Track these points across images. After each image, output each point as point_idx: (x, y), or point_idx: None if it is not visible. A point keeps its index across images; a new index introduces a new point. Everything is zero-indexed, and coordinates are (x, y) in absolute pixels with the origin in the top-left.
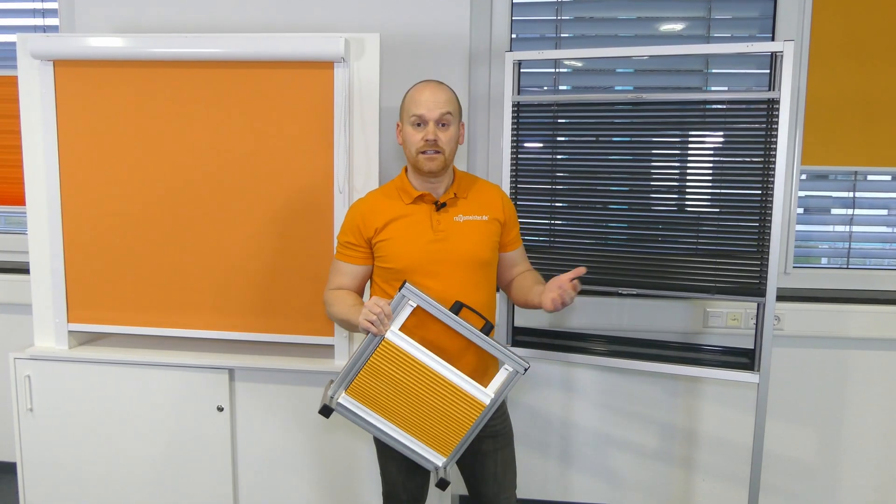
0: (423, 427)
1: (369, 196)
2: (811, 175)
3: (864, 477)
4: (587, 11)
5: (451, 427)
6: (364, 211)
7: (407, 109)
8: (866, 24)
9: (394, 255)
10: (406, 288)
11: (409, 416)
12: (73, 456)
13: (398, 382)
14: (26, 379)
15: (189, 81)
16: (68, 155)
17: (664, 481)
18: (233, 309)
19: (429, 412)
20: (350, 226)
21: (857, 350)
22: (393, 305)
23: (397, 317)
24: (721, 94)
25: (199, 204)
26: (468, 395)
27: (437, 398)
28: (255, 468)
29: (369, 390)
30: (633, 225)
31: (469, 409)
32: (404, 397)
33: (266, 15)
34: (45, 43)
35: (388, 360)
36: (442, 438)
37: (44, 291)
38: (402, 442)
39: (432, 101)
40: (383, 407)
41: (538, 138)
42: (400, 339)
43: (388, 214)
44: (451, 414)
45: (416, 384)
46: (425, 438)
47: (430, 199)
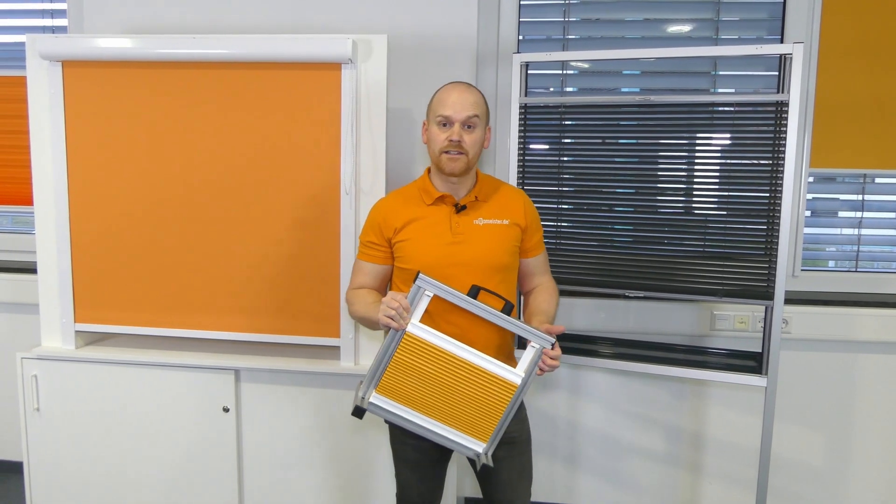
0: (458, 415)
1: (391, 196)
2: (819, 177)
3: (871, 481)
4: (595, 13)
5: (487, 412)
6: (385, 211)
7: (434, 109)
8: (876, 26)
9: (411, 256)
10: (420, 278)
11: (442, 406)
12: (79, 456)
13: (426, 374)
14: (33, 378)
15: (197, 82)
16: (76, 155)
17: (671, 484)
18: (239, 310)
19: (461, 400)
20: (371, 225)
21: (866, 354)
22: (410, 298)
23: (416, 309)
24: (729, 96)
25: (206, 204)
26: (498, 377)
27: (467, 385)
28: (260, 469)
29: (399, 386)
30: (640, 227)
31: (502, 392)
32: (435, 388)
33: (274, 16)
34: (53, 43)
35: (413, 353)
36: (479, 424)
37: (51, 291)
38: (439, 433)
39: (460, 102)
40: (415, 400)
41: (545, 140)
42: (422, 331)
43: (408, 215)
44: (484, 399)
45: (445, 373)
46: (462, 426)
47: (450, 201)
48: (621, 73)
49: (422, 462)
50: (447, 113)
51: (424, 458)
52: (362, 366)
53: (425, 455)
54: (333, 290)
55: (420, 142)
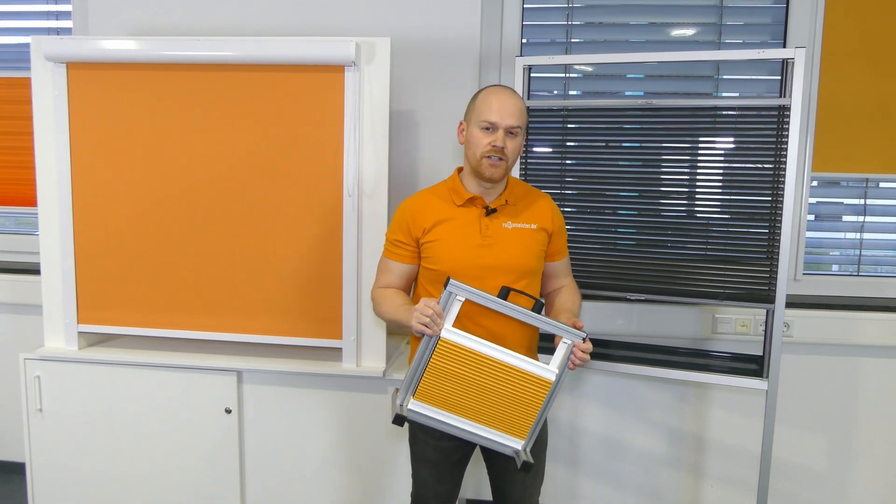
0: (495, 415)
1: (419, 195)
2: (822, 181)
3: (873, 485)
4: (598, 17)
5: (523, 409)
6: (414, 210)
7: (478, 112)
8: (878, 30)
9: (440, 257)
10: (452, 284)
11: (479, 408)
12: (81, 456)
13: (463, 377)
14: (36, 379)
15: (200, 84)
16: (80, 156)
17: (673, 487)
18: (241, 311)
19: (498, 399)
20: (399, 224)
21: (868, 357)
22: (442, 303)
23: (448, 314)
24: (732, 100)
25: (209, 206)
26: (533, 375)
27: (503, 385)
28: (262, 470)
29: (436, 391)
30: (643, 230)
31: (537, 389)
32: (471, 390)
33: (277, 19)
34: (58, 45)
35: (449, 358)
36: (516, 422)
37: (54, 292)
38: (479, 433)
39: (505, 108)
40: (453, 404)
41: (548, 143)
42: (456, 336)
43: (438, 215)
44: (520, 397)
45: (481, 375)
46: (499, 425)
47: (480, 203)
48: (626, 76)
49: (441, 463)
50: (493, 119)
51: (444, 458)
52: (364, 367)
53: (445, 456)
54: (336, 292)
55: (423, 144)
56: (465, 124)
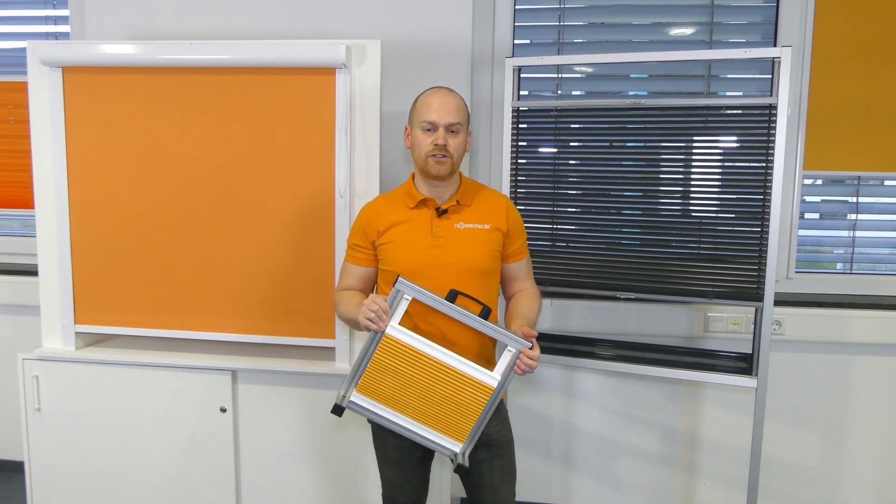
0: (436, 416)
1: (376, 200)
2: (826, 180)
3: (865, 482)
4: (590, 17)
5: (464, 413)
6: (370, 214)
7: (418, 115)
8: (869, 29)
9: (393, 259)
10: (399, 282)
11: (420, 407)
12: (79, 455)
13: (404, 375)
14: (34, 379)
15: (194, 87)
16: (76, 159)
17: (666, 485)
18: (236, 312)
19: (439, 401)
20: (357, 228)
21: (859, 355)
22: (389, 301)
23: (395, 311)
24: (721, 99)
25: (203, 208)
26: (475, 380)
27: (444, 386)
28: (257, 468)
29: (378, 385)
30: (635, 229)
31: (478, 394)
32: (413, 389)
33: (270, 22)
34: (53, 50)
35: (392, 355)
36: (456, 425)
37: (52, 293)
38: (418, 432)
39: (444, 108)
40: (394, 400)
41: (539, 143)
42: (400, 333)
43: (391, 218)
44: (461, 400)
45: (423, 375)
46: (440, 427)
47: (432, 205)
48: (621, 76)
49: (403, 460)
50: (432, 118)
51: (406, 456)
52: None
53: (407, 453)
54: (328, 292)
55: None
56: (408, 128)
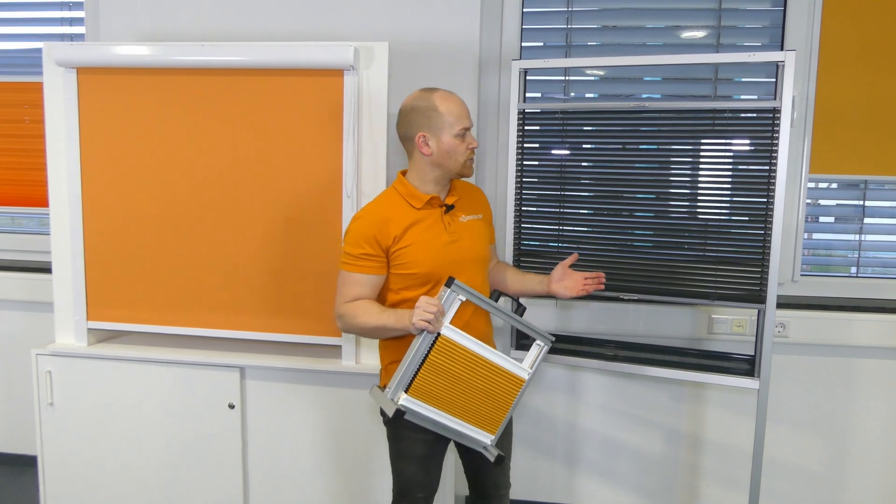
0: (473, 410)
1: (376, 207)
2: (841, 184)
3: (869, 485)
4: (597, 21)
5: (497, 405)
6: (378, 221)
7: (450, 123)
8: (876, 32)
9: (415, 261)
10: (455, 284)
11: (461, 403)
12: (90, 449)
13: (455, 375)
14: (47, 374)
15: (205, 88)
16: (89, 159)
17: (669, 486)
18: (245, 309)
19: (479, 396)
20: (364, 237)
21: (864, 359)
22: (443, 302)
23: (448, 312)
24: (727, 102)
25: (213, 207)
26: (510, 372)
27: (486, 382)
28: (265, 463)
29: (430, 387)
30: (642, 231)
31: (511, 387)
32: (460, 387)
33: (279, 24)
34: (68, 51)
35: (446, 356)
36: (489, 417)
37: (65, 290)
38: (456, 428)
39: (466, 110)
40: (441, 399)
41: (545, 145)
42: (454, 334)
43: (405, 221)
44: (496, 393)
45: (470, 373)
46: (474, 420)
47: (436, 203)
48: (629, 79)
49: (428, 456)
50: (466, 124)
51: (431, 452)
52: (363, 364)
53: (432, 449)
54: (335, 291)
55: None
56: (427, 136)
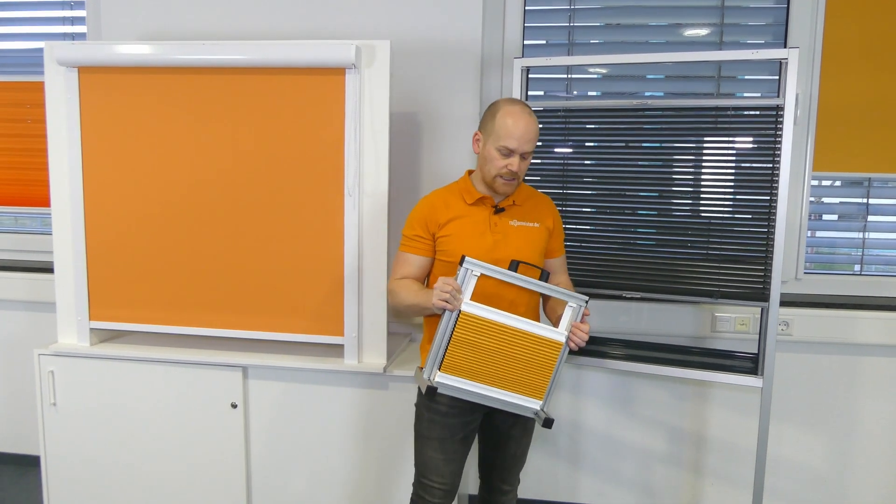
0: (515, 379)
1: (435, 193)
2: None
3: (872, 483)
4: (600, 18)
5: (539, 371)
6: (431, 206)
7: (498, 135)
8: (879, 30)
9: (455, 250)
10: (467, 261)
11: (500, 374)
12: (93, 449)
13: (484, 347)
14: (50, 374)
15: (205, 87)
16: (91, 158)
17: (672, 484)
18: (246, 308)
19: (516, 364)
20: (418, 219)
21: (868, 356)
22: (459, 280)
23: (466, 289)
24: (731, 100)
25: (215, 206)
26: (545, 338)
27: (520, 350)
28: (267, 463)
29: (460, 362)
30: (644, 229)
31: (550, 351)
32: (492, 358)
33: (281, 22)
34: (69, 50)
35: (471, 330)
36: (533, 384)
37: (67, 290)
38: (500, 398)
39: (525, 136)
40: (476, 372)
41: (549, 143)
42: (475, 308)
43: (452, 212)
44: (535, 360)
45: (500, 343)
46: (518, 388)
47: (489, 203)
48: (632, 77)
49: (447, 440)
50: (513, 146)
51: (451, 436)
52: (365, 364)
53: (452, 433)
54: (338, 289)
55: (425, 145)
56: (481, 136)
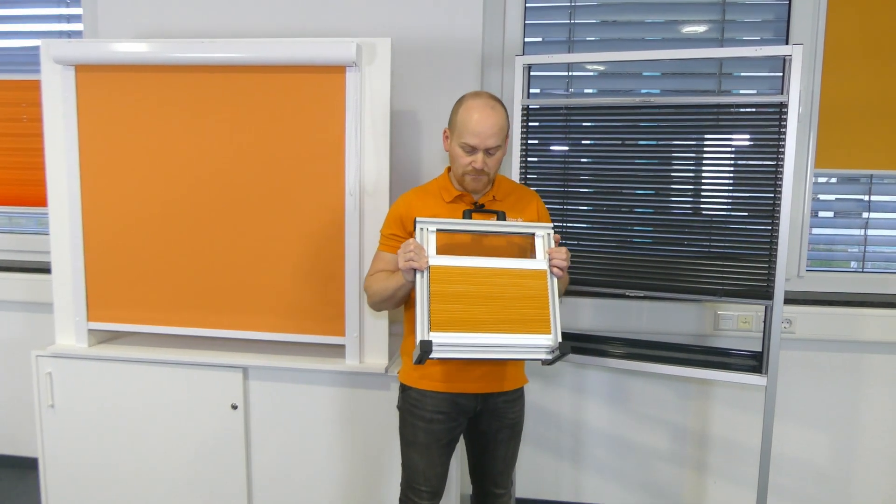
0: (511, 318)
1: (412, 192)
2: (841, 178)
3: (876, 481)
4: (601, 15)
5: (535, 304)
6: (407, 205)
7: (459, 132)
8: (881, 27)
9: None
10: (419, 220)
11: (495, 316)
12: (92, 451)
13: (466, 294)
14: (48, 376)
15: (205, 85)
16: (89, 157)
17: (676, 483)
18: (247, 309)
19: (508, 302)
20: (394, 218)
21: (870, 354)
22: (418, 239)
23: (428, 247)
24: (733, 97)
25: (214, 206)
26: (527, 269)
27: (505, 288)
28: (268, 465)
29: (448, 315)
30: (646, 228)
31: (537, 281)
32: (480, 302)
33: (280, 20)
34: (66, 48)
35: (447, 280)
36: (534, 319)
37: (65, 291)
38: (506, 343)
39: (487, 132)
40: (468, 322)
41: (549, 141)
42: (443, 259)
43: (428, 211)
44: (526, 294)
45: (481, 286)
46: (521, 327)
47: (468, 200)
48: (638, 74)
49: (431, 446)
50: (473, 143)
51: (434, 441)
52: (367, 364)
53: (435, 438)
54: (339, 289)
55: (425, 143)
56: (448, 133)
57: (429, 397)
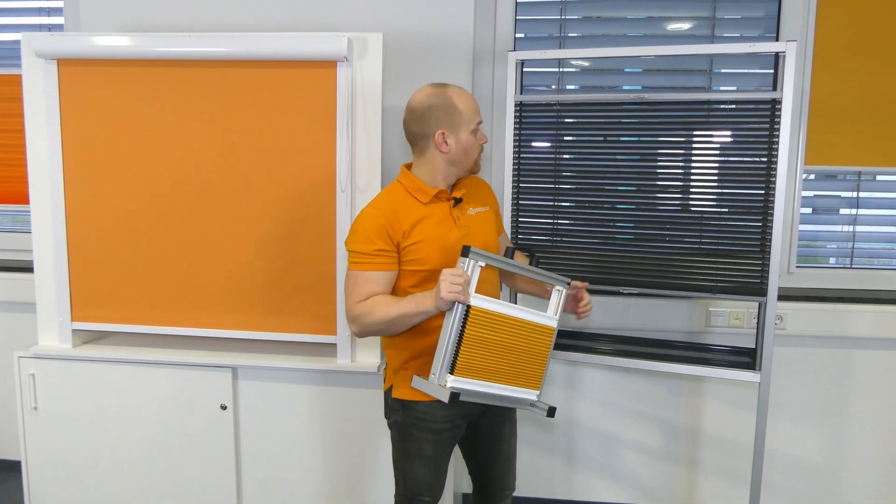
0: (516, 372)
1: (384, 201)
2: (819, 175)
3: (867, 476)
4: (592, 11)
5: (534, 361)
6: (389, 216)
7: (467, 119)
8: (871, 24)
9: (427, 257)
10: (473, 251)
11: (505, 369)
12: (77, 454)
13: (494, 343)
14: (31, 377)
15: (192, 81)
16: (72, 154)
17: (668, 480)
18: (236, 307)
19: (519, 357)
20: (375, 232)
21: (861, 350)
22: (468, 271)
23: (472, 281)
24: (725, 94)
25: (202, 203)
26: (541, 325)
27: (522, 341)
28: (258, 465)
29: (473, 362)
30: (637, 224)
31: (544, 338)
32: (501, 354)
33: (270, 14)
34: (48, 42)
35: (482, 326)
36: (529, 374)
37: (48, 290)
38: (502, 394)
39: (478, 105)
40: (486, 371)
41: (541, 138)
42: (482, 301)
43: (413, 216)
44: (532, 349)
45: (507, 336)
46: (518, 381)
47: (444, 196)
48: (622, 70)
49: (437, 457)
50: (481, 119)
51: (440, 452)
52: (358, 363)
53: (441, 450)
54: (330, 287)
55: None
56: (446, 133)
57: (439, 409)
